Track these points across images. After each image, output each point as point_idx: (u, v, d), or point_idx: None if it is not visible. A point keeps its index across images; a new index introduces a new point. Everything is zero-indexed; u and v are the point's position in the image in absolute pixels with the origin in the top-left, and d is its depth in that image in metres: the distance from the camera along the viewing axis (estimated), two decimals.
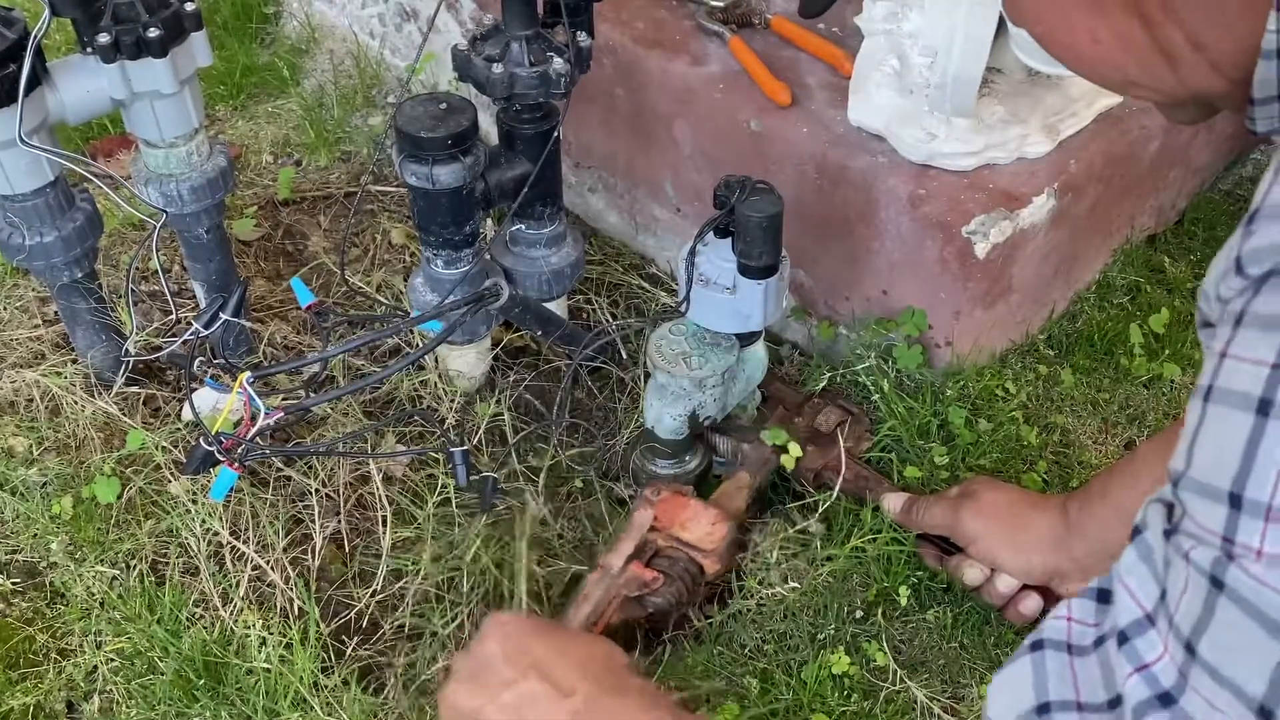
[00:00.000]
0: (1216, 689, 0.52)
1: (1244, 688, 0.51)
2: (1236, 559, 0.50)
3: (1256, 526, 0.49)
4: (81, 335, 1.40)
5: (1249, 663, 0.51)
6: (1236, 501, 0.50)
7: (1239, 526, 0.50)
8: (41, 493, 1.33)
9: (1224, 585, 0.51)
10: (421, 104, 1.22)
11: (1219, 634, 0.52)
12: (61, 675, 1.21)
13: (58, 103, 1.19)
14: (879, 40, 1.31)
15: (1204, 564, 0.51)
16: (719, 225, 1.16)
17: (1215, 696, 0.53)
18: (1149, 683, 0.55)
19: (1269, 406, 0.49)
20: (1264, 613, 0.49)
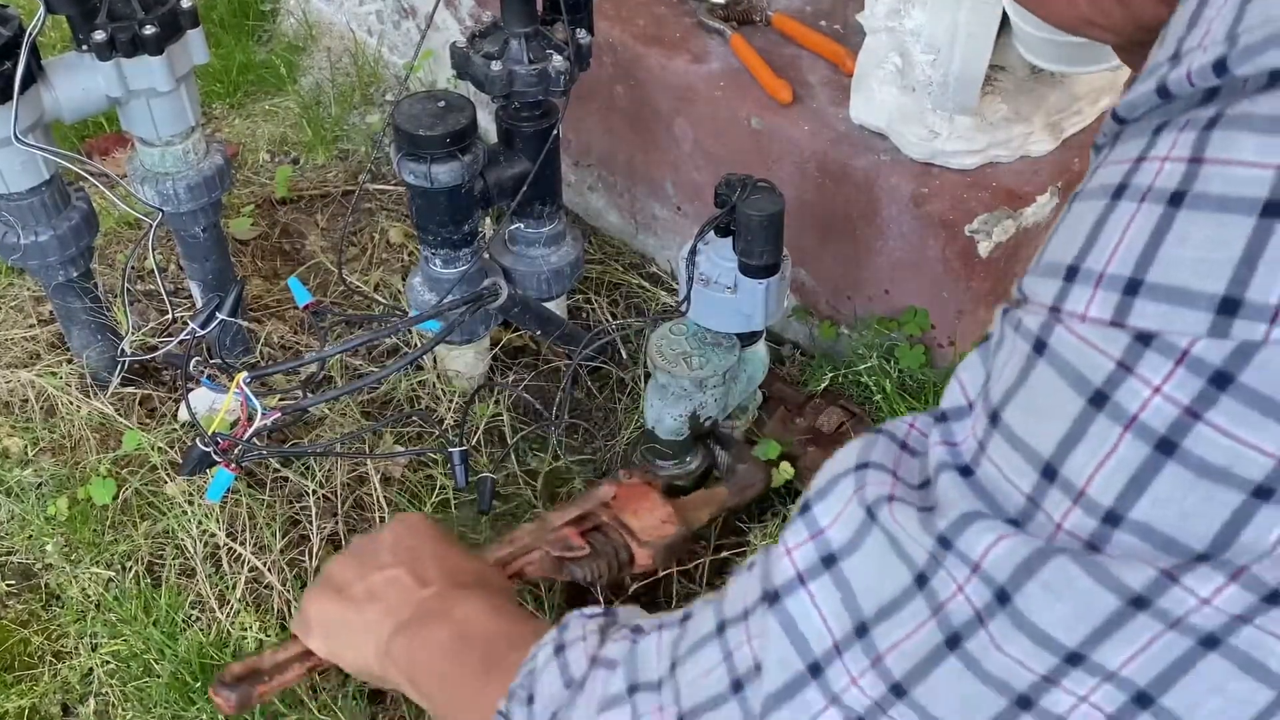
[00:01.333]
0: (1009, 453, 0.52)
1: (1036, 448, 0.50)
2: (1062, 321, 0.49)
3: (1086, 293, 0.49)
4: (77, 335, 1.39)
5: (1048, 424, 0.50)
6: (1073, 273, 0.50)
7: (1069, 294, 0.49)
8: (37, 494, 1.32)
9: (1045, 347, 0.50)
10: (420, 102, 1.21)
11: (1026, 398, 0.51)
12: (57, 678, 1.20)
13: (53, 101, 1.18)
14: (881, 37, 1.31)
15: (1031, 328, 0.51)
16: (719, 224, 1.15)
17: (1006, 462, 0.52)
18: (951, 454, 0.55)
19: (1123, 191, 0.49)
20: (1079, 371, 0.49)
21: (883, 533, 0.55)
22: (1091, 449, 0.48)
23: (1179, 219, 0.46)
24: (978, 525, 0.52)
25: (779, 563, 0.59)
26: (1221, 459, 0.45)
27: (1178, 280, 0.46)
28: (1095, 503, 0.48)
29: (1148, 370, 0.46)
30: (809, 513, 0.59)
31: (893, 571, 0.55)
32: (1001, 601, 0.50)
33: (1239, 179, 0.45)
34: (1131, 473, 0.47)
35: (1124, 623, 0.48)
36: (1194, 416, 0.45)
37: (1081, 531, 0.49)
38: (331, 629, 0.98)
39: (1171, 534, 0.47)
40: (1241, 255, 0.44)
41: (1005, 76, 1.30)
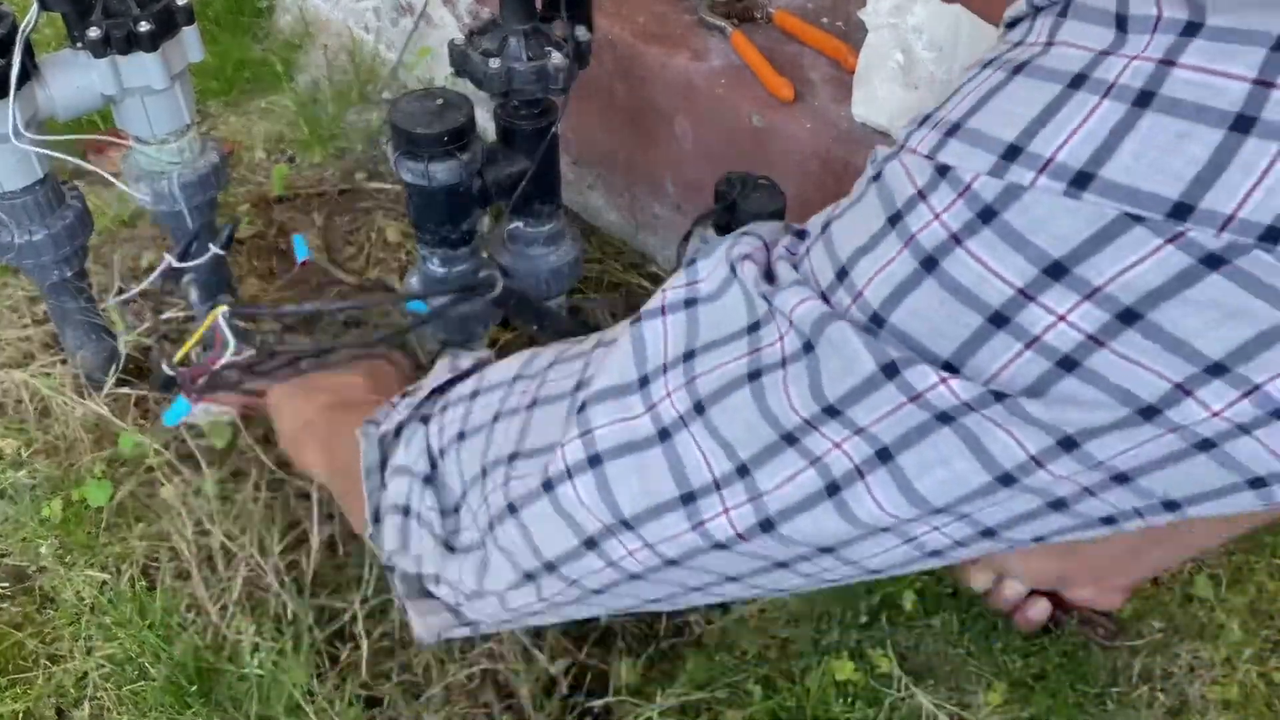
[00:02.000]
0: (822, 255, 0.59)
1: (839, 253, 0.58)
2: (899, 155, 0.56)
3: (924, 133, 0.55)
4: (71, 335, 1.38)
5: (856, 235, 0.57)
6: (925, 120, 0.56)
7: (914, 134, 0.56)
8: (31, 495, 1.31)
9: (880, 176, 0.56)
10: (417, 100, 1.20)
11: (851, 213, 0.59)
12: (51, 681, 1.20)
13: (47, 99, 1.17)
14: (884, 34, 1.30)
15: (879, 159, 0.58)
16: (719, 222, 1.14)
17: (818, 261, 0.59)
18: (789, 255, 0.64)
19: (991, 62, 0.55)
20: (892, 194, 0.55)
21: (739, 285, 0.62)
22: (875, 259, 0.55)
23: (1013, 81, 0.52)
24: (795, 289, 0.59)
25: (654, 296, 0.67)
26: (969, 281, 0.51)
27: (984, 126, 0.52)
28: (867, 303, 0.55)
29: (936, 199, 0.53)
30: (693, 265, 0.66)
31: (736, 317, 0.62)
32: (807, 350, 0.58)
33: (1067, 56, 0.51)
34: (897, 283, 0.54)
35: (878, 386, 0.55)
36: (956, 241, 0.52)
37: (857, 325, 0.56)
38: (281, 402, 1.09)
39: (922, 341, 0.54)
40: (1039, 113, 0.50)
41: None
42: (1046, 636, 1.21)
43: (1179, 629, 1.24)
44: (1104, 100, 0.49)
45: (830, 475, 0.59)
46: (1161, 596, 1.25)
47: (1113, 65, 0.49)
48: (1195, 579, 1.26)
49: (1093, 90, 0.49)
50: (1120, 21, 0.50)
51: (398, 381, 1.08)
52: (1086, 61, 0.50)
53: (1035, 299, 0.50)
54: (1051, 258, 0.49)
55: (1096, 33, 0.50)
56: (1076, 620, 1.17)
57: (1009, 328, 0.51)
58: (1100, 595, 1.13)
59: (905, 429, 0.55)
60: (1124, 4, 0.50)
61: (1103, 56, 0.49)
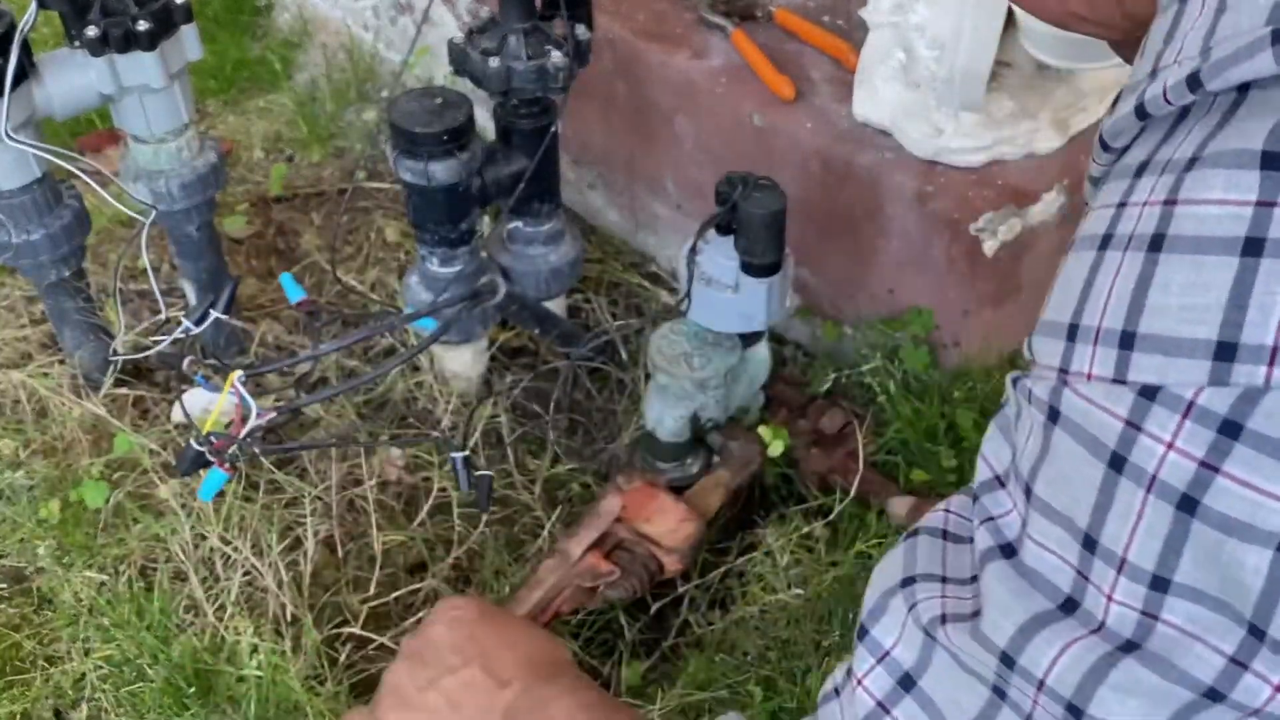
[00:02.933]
0: (1049, 527, 0.51)
1: (1073, 519, 0.49)
2: (1069, 384, 0.48)
3: (1087, 351, 0.47)
4: (69, 335, 1.38)
5: (1078, 493, 0.48)
6: (1073, 331, 0.48)
7: (1072, 355, 0.48)
8: (28, 496, 1.31)
9: (1059, 414, 0.49)
10: (416, 99, 1.20)
11: (1052, 468, 0.50)
12: (49, 683, 1.19)
13: (45, 98, 1.17)
14: (885, 33, 1.29)
15: (1043, 396, 0.50)
16: (720, 222, 1.14)
17: (1048, 536, 0.51)
18: (993, 533, 0.54)
19: (1109, 240, 0.48)
20: (1090, 433, 0.47)
21: (946, 653, 0.55)
22: (1121, 514, 0.46)
23: (1160, 265, 0.45)
24: (1037, 639, 0.50)
25: (856, 696, 0.58)
26: (1243, 512, 0.43)
27: (1168, 329, 0.44)
28: (1139, 569, 0.47)
29: (1156, 426, 0.44)
30: (869, 635, 0.58)
31: (968, 687, 0.54)
32: (1075, 715, 0.49)
33: (1211, 218, 0.43)
34: (1164, 536, 0.45)
35: (1199, 711, 0.47)
36: (1211, 469, 0.43)
37: (1134, 601, 0.47)
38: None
39: (1219, 596, 0.45)
40: (1229, 298, 0.42)
41: (1011, 72, 1.29)
42: None
43: None
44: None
45: None
46: None
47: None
48: None
49: (1279, 253, 0.42)
50: (1271, 160, 0.42)
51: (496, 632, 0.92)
52: (1250, 219, 0.42)
53: None
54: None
55: (1241, 179, 0.43)
56: None
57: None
58: None
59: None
60: (1275, 139, 0.43)
61: (1268, 208, 0.42)
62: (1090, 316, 0.47)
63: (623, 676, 1.18)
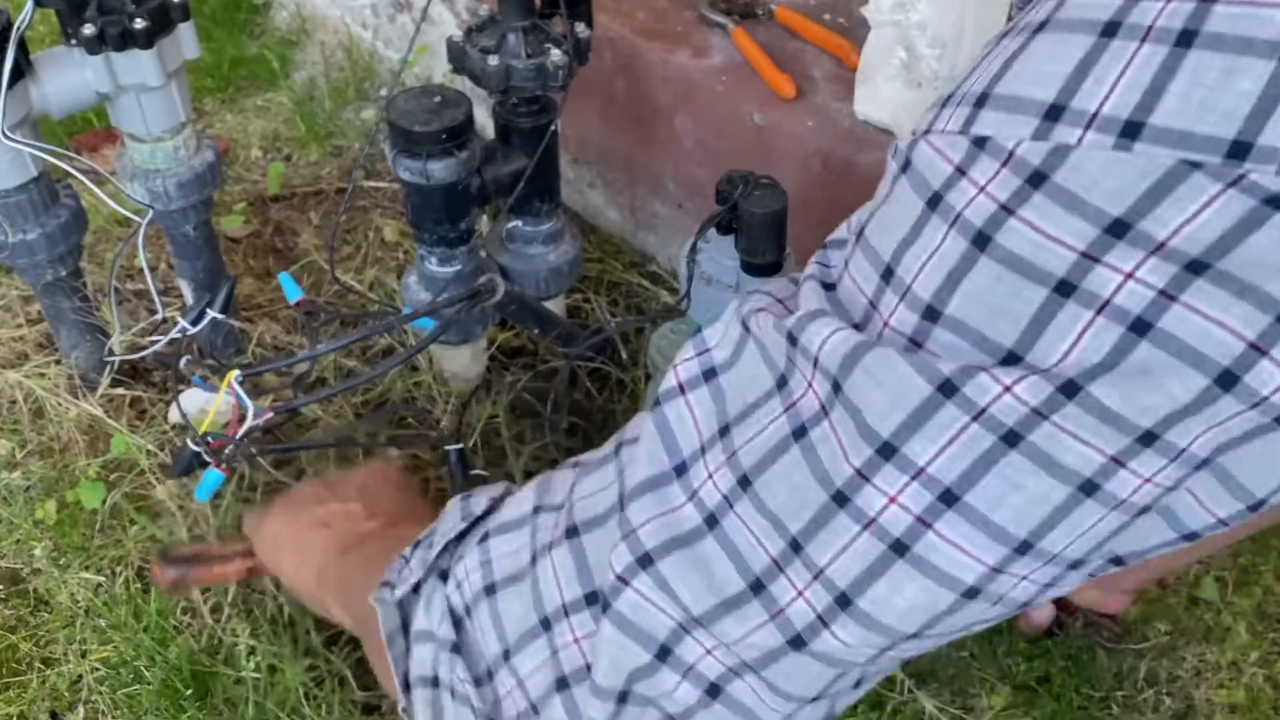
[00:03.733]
0: (862, 262, 0.56)
1: (881, 253, 0.54)
2: (926, 138, 0.53)
3: (950, 111, 0.52)
4: (66, 335, 1.37)
5: (895, 230, 0.53)
6: (948, 100, 0.53)
7: (939, 115, 0.53)
8: (25, 497, 1.30)
9: (909, 163, 0.53)
10: (415, 97, 1.19)
11: (884, 211, 0.55)
12: (46, 685, 1.18)
13: (41, 96, 1.16)
14: (886, 31, 1.29)
15: (904, 149, 0.54)
16: (721, 222, 1.13)
17: (859, 271, 0.56)
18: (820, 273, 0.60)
19: (1010, 30, 0.53)
20: (926, 178, 0.52)
21: (755, 343, 0.58)
22: (921, 247, 0.51)
23: (1035, 39, 0.50)
24: (818, 321, 0.55)
25: (666, 377, 0.63)
26: (1027, 251, 0.48)
27: (1017, 90, 0.49)
28: (917, 297, 0.51)
29: (977, 172, 0.49)
30: (699, 335, 0.63)
31: (760, 377, 0.58)
32: (836, 391, 0.53)
33: (1090, 4, 0.48)
34: (949, 267, 0.50)
35: (935, 409, 0.50)
36: (1008, 212, 0.48)
37: (905, 327, 0.52)
38: (281, 544, 1.03)
39: (982, 330, 0.49)
40: (1075, 68, 0.47)
41: None
42: (1051, 640, 1.20)
43: (1185, 632, 1.23)
44: (1143, 45, 0.46)
45: (890, 534, 0.53)
46: (1167, 599, 1.24)
47: (1146, 9, 0.46)
48: (1201, 581, 1.25)
49: (1129, 36, 0.46)
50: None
51: (395, 491, 1.04)
52: (1116, 8, 0.47)
53: (1100, 260, 0.47)
54: (1112, 215, 0.46)
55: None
56: (1081, 623, 1.16)
57: (1076, 295, 0.47)
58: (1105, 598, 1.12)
59: (970, 460, 0.50)
60: None
61: (1133, 1, 0.46)
62: (966, 85, 0.52)
63: None
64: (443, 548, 0.75)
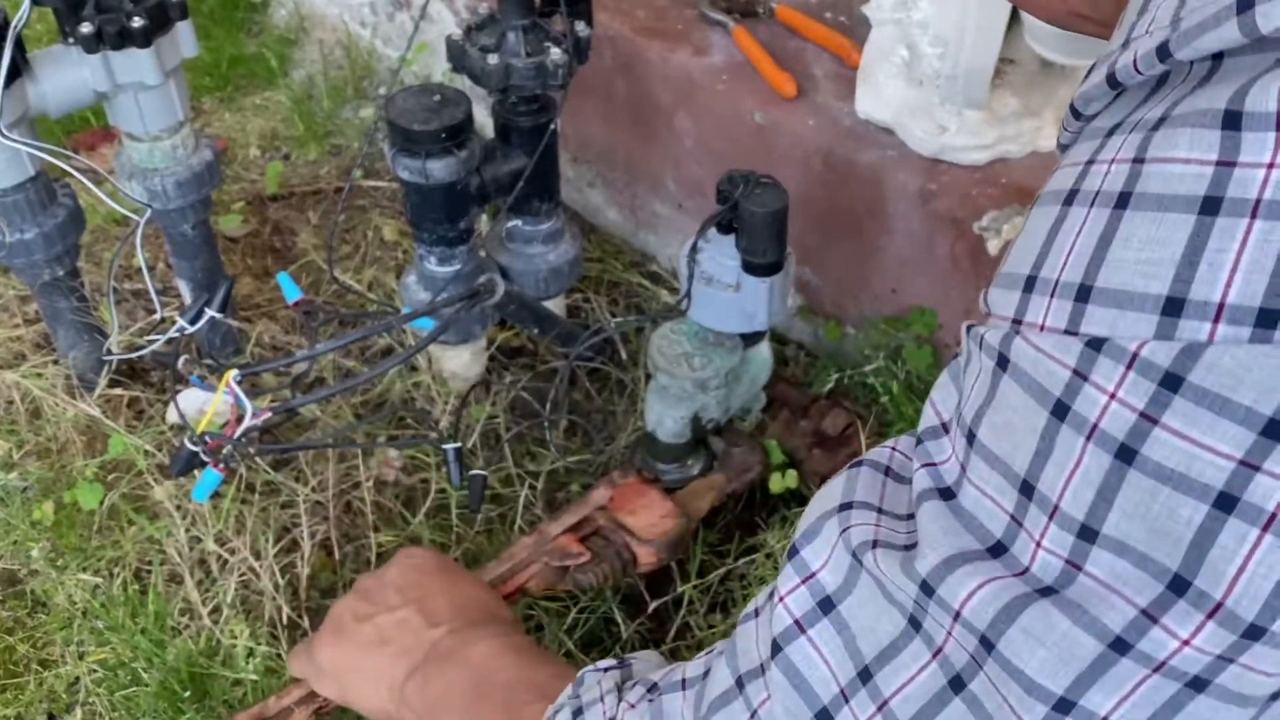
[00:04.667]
0: (988, 473, 0.51)
1: (1011, 465, 0.50)
2: (1021, 333, 0.49)
3: (1042, 303, 0.48)
4: (63, 335, 1.36)
5: (1020, 440, 0.49)
6: (1030, 283, 0.49)
7: (1028, 306, 0.49)
8: (22, 498, 1.29)
9: (1009, 362, 0.49)
10: (414, 96, 1.19)
11: (997, 414, 0.51)
12: (43, 687, 1.18)
13: (39, 95, 1.16)
14: (888, 30, 1.28)
15: (994, 343, 0.50)
16: (721, 221, 1.13)
17: (986, 482, 0.51)
18: (932, 477, 0.55)
19: (1074, 196, 0.48)
20: (1037, 382, 0.48)
21: (870, 577, 0.55)
22: (1060, 462, 0.47)
23: (1124, 221, 0.45)
24: (959, 571, 0.51)
25: (775, 613, 0.59)
26: (1178, 463, 0.44)
27: (1121, 283, 0.45)
28: (1070, 517, 0.47)
29: (1101, 377, 0.45)
30: (798, 556, 0.59)
31: (887, 615, 0.55)
32: (988, 648, 0.50)
33: (1174, 176, 0.44)
34: (1098, 484, 0.46)
35: (1108, 667, 0.47)
36: (1150, 421, 0.44)
37: (1061, 549, 0.48)
38: (342, 673, 0.97)
39: (1144, 550, 0.46)
40: (1183, 254, 0.43)
41: (1015, 70, 1.28)
42: None
43: None
44: (1254, 221, 0.41)
45: None
46: None
47: (1248, 177, 0.41)
48: None
49: (1235, 213, 0.42)
50: (1232, 120, 0.42)
51: (438, 582, 0.99)
52: (1210, 178, 0.42)
53: (1260, 467, 0.42)
54: (1265, 416, 0.42)
55: (1204, 138, 0.43)
56: None
57: (1239, 510, 0.43)
58: None
59: (1155, 708, 0.47)
60: (1238, 99, 0.42)
61: (1228, 168, 0.42)
62: (1050, 269, 0.48)
63: None
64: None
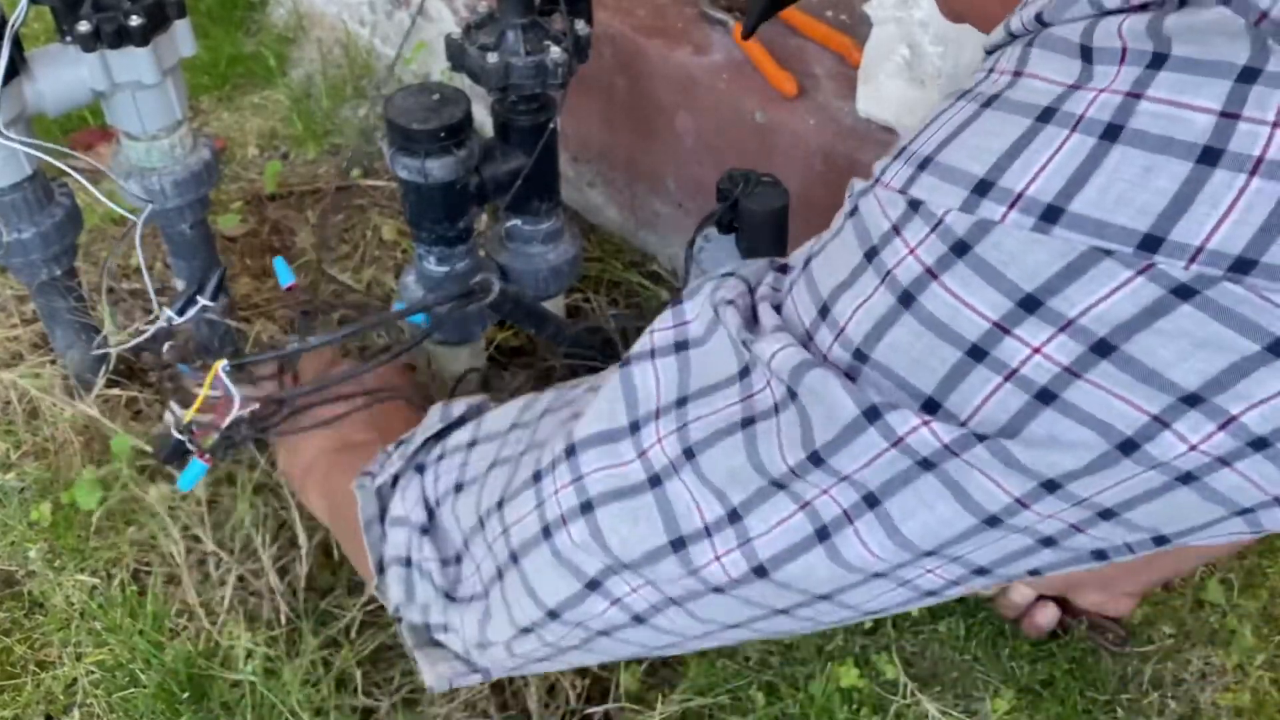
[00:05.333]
0: (804, 293, 0.61)
1: (821, 290, 0.59)
2: (874, 190, 0.57)
3: (896, 167, 0.57)
4: (60, 335, 1.36)
5: (835, 271, 0.59)
6: (900, 153, 0.57)
7: (888, 168, 0.57)
8: (19, 498, 1.29)
9: (856, 210, 0.58)
10: (413, 95, 1.18)
11: (830, 249, 0.60)
12: (40, 688, 1.17)
13: (36, 94, 1.15)
14: (889, 28, 1.28)
15: (855, 195, 0.59)
16: (722, 220, 1.13)
17: (800, 300, 0.61)
18: (773, 294, 0.65)
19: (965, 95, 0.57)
20: (865, 226, 0.57)
21: (724, 331, 0.63)
22: (855, 295, 0.56)
23: (983, 117, 0.53)
24: (773, 336, 0.60)
25: (641, 338, 0.68)
26: (945, 315, 0.52)
27: (955, 161, 0.53)
28: (849, 340, 0.56)
29: (909, 233, 0.54)
30: (679, 305, 0.67)
31: (727, 362, 0.63)
32: (793, 397, 0.58)
33: (1035, 89, 0.52)
34: (877, 318, 0.55)
35: (860, 432, 0.56)
36: (932, 276, 0.52)
37: (840, 363, 0.57)
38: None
39: (904, 376, 0.54)
40: (1008, 147, 0.51)
41: None
42: (1055, 642, 1.19)
43: (1190, 635, 1.22)
44: (1072, 134, 0.49)
45: (819, 520, 0.59)
46: (1172, 602, 1.23)
47: (1080, 99, 0.50)
48: (1207, 584, 1.24)
49: (1061, 124, 0.50)
50: (1086, 53, 0.50)
51: (404, 418, 1.06)
52: (1055, 95, 0.51)
53: (1010, 332, 0.51)
54: (1024, 291, 0.50)
55: (1063, 64, 0.51)
56: (1085, 626, 1.15)
57: (986, 361, 0.52)
58: (1109, 601, 1.11)
59: (889, 475, 0.56)
60: (1089, 35, 0.50)
61: (1071, 90, 0.50)
62: (917, 144, 0.56)
63: (621, 681, 1.17)
64: (420, 444, 0.85)
